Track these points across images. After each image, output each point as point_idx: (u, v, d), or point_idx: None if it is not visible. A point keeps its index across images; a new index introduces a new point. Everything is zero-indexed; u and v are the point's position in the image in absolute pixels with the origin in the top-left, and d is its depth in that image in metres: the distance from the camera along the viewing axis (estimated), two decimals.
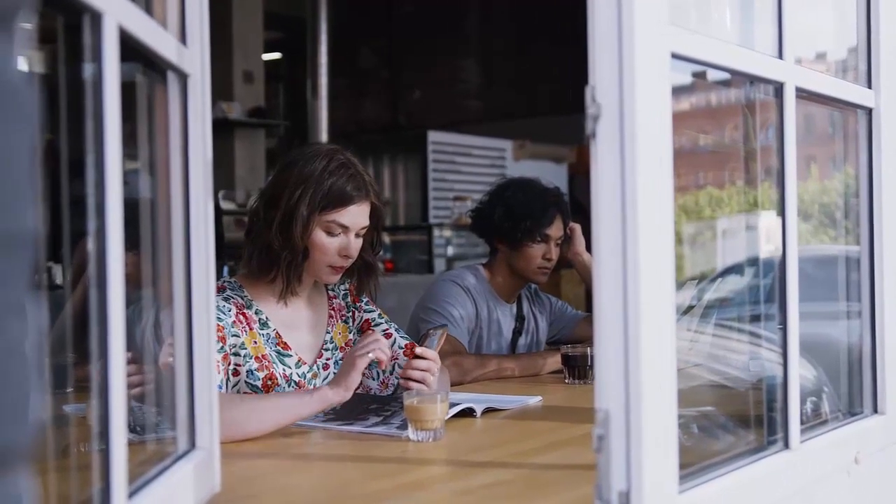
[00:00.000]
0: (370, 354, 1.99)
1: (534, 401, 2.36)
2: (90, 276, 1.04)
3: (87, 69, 1.02)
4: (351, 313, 2.43)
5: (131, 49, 1.11)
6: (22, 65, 0.60)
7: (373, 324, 2.43)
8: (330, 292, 2.42)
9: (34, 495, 0.61)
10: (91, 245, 1.02)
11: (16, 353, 0.57)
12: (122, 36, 1.05)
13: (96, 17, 0.99)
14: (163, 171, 1.37)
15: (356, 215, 2.22)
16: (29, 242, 0.59)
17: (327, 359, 2.34)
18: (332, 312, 2.40)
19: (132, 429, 1.27)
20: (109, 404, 1.01)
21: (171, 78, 1.34)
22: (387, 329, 2.42)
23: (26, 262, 0.59)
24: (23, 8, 0.59)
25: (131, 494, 1.09)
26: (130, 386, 1.31)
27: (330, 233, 2.20)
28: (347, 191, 2.19)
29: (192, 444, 1.37)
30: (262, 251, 2.21)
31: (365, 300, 2.46)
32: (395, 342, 2.37)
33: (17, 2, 0.58)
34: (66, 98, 1.09)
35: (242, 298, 2.23)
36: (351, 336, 2.40)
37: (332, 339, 2.36)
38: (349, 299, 2.44)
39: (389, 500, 1.50)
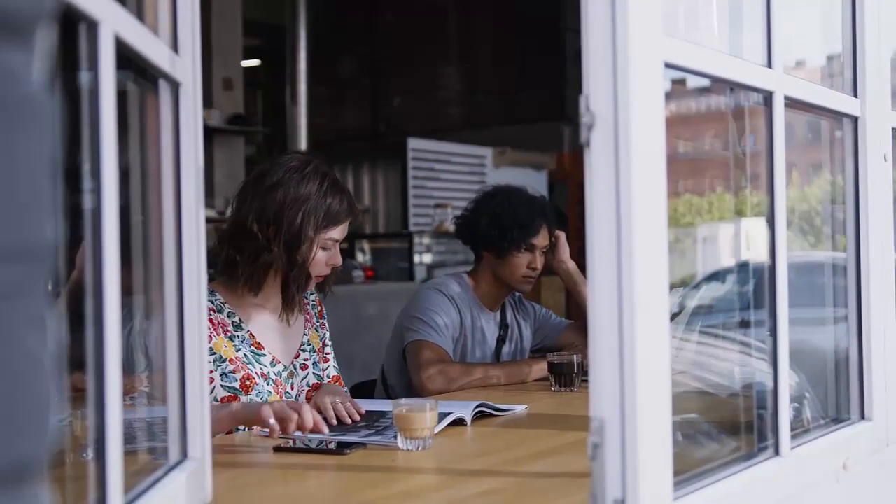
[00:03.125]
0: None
1: (520, 409, 2.36)
2: (78, 284, 1.03)
3: (83, 77, 1.01)
4: (321, 323, 2.52)
5: (123, 57, 1.11)
6: (41, 76, 0.60)
7: (325, 345, 2.52)
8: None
9: None
10: (87, 253, 1.01)
11: (36, 365, 0.57)
12: (117, 44, 1.04)
13: (93, 26, 0.99)
14: (154, 178, 1.36)
15: (346, 229, 2.34)
16: (48, 254, 0.59)
17: (305, 359, 2.41)
18: (308, 316, 2.47)
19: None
20: (105, 415, 1.00)
21: (163, 86, 1.33)
22: (328, 354, 2.51)
23: (45, 274, 0.59)
24: (42, 19, 0.59)
25: None
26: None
27: (324, 248, 2.30)
28: (345, 209, 2.31)
29: (184, 455, 1.37)
30: (262, 269, 2.26)
31: (324, 319, 2.55)
32: (306, 377, 2.44)
33: (37, 13, 0.58)
34: (59, 105, 1.08)
35: (213, 303, 2.26)
36: (320, 343, 2.48)
37: (308, 340, 2.44)
38: (316, 311, 2.52)
39: None
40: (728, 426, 1.74)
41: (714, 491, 1.34)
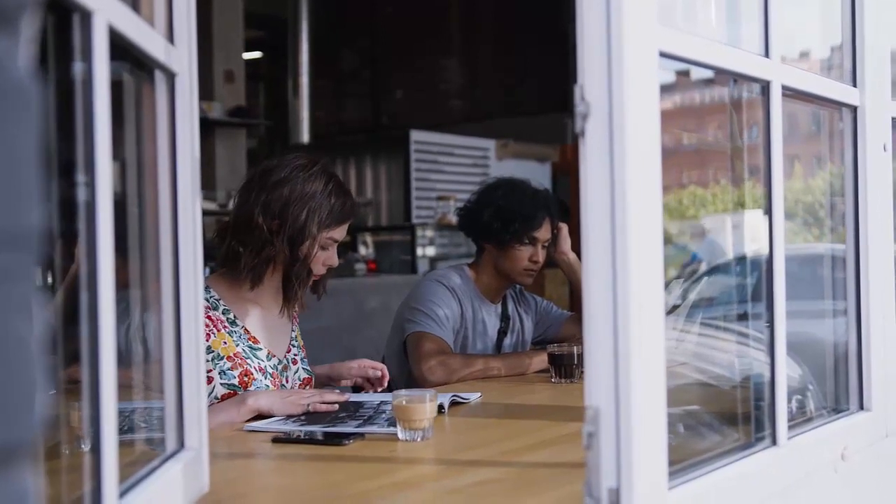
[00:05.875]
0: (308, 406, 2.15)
1: (474, 397, 2.38)
2: (77, 277, 1.04)
3: (76, 68, 1.01)
4: (297, 322, 2.55)
5: (118, 47, 1.11)
6: (26, 63, 0.60)
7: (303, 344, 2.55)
8: None
9: (39, 492, 0.61)
10: (81, 246, 1.01)
11: (23, 350, 0.57)
12: (111, 34, 1.04)
13: (86, 16, 0.99)
14: (150, 170, 1.36)
15: (345, 230, 2.38)
16: (35, 240, 0.59)
17: (295, 354, 2.45)
18: (295, 315, 2.51)
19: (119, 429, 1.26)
20: (100, 405, 1.00)
21: (159, 77, 1.33)
22: (296, 355, 2.51)
23: (33, 260, 0.59)
24: (27, 7, 0.59)
25: (122, 494, 1.08)
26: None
27: (323, 247, 2.33)
28: (347, 211, 2.34)
29: (181, 445, 1.37)
30: (264, 263, 2.29)
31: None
32: (297, 371, 2.45)
33: (21, 1, 0.58)
34: (53, 97, 1.08)
35: (208, 300, 2.27)
36: (302, 341, 2.52)
37: (296, 337, 2.48)
38: (297, 310, 2.54)
39: (379, 499, 1.50)
40: (728, 417, 1.74)
41: (710, 480, 1.34)
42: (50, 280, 1.44)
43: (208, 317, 2.25)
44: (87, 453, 1.03)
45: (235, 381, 2.24)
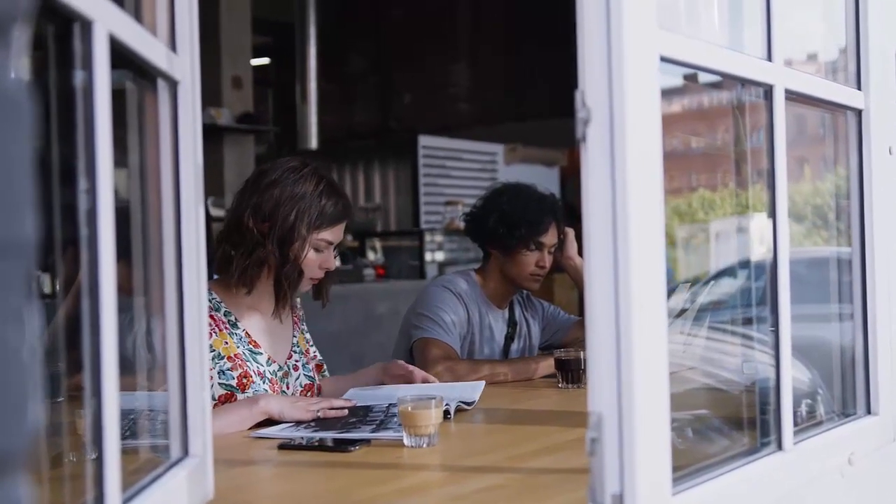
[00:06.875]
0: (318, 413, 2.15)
1: (478, 390, 2.39)
2: (81, 285, 1.04)
3: (78, 76, 1.02)
4: (304, 328, 2.56)
5: (121, 56, 1.11)
6: (19, 73, 0.60)
7: (310, 346, 2.56)
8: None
9: (32, 500, 0.61)
10: (83, 253, 1.01)
11: (15, 359, 0.58)
12: (112, 43, 1.05)
13: (86, 25, 0.99)
14: (153, 178, 1.36)
15: (341, 232, 2.37)
16: (27, 249, 0.59)
17: (296, 360, 2.45)
18: (296, 320, 2.51)
19: (123, 436, 1.26)
20: (102, 413, 1.01)
21: (161, 85, 1.34)
22: (314, 351, 2.54)
23: (25, 269, 0.59)
24: (20, 17, 0.59)
25: (125, 502, 1.08)
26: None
27: (317, 249, 2.33)
28: (339, 212, 2.34)
29: (186, 452, 1.37)
30: (255, 265, 2.29)
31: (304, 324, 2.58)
32: (298, 377, 2.46)
33: (14, 11, 0.58)
34: (55, 105, 1.08)
35: (210, 301, 2.28)
36: (307, 345, 2.53)
37: (297, 342, 2.48)
38: (301, 313, 2.55)
39: None
40: (735, 421, 1.73)
41: (714, 486, 1.33)
42: (57, 288, 1.44)
43: (210, 317, 2.25)
44: (90, 461, 1.03)
45: (234, 383, 2.24)
